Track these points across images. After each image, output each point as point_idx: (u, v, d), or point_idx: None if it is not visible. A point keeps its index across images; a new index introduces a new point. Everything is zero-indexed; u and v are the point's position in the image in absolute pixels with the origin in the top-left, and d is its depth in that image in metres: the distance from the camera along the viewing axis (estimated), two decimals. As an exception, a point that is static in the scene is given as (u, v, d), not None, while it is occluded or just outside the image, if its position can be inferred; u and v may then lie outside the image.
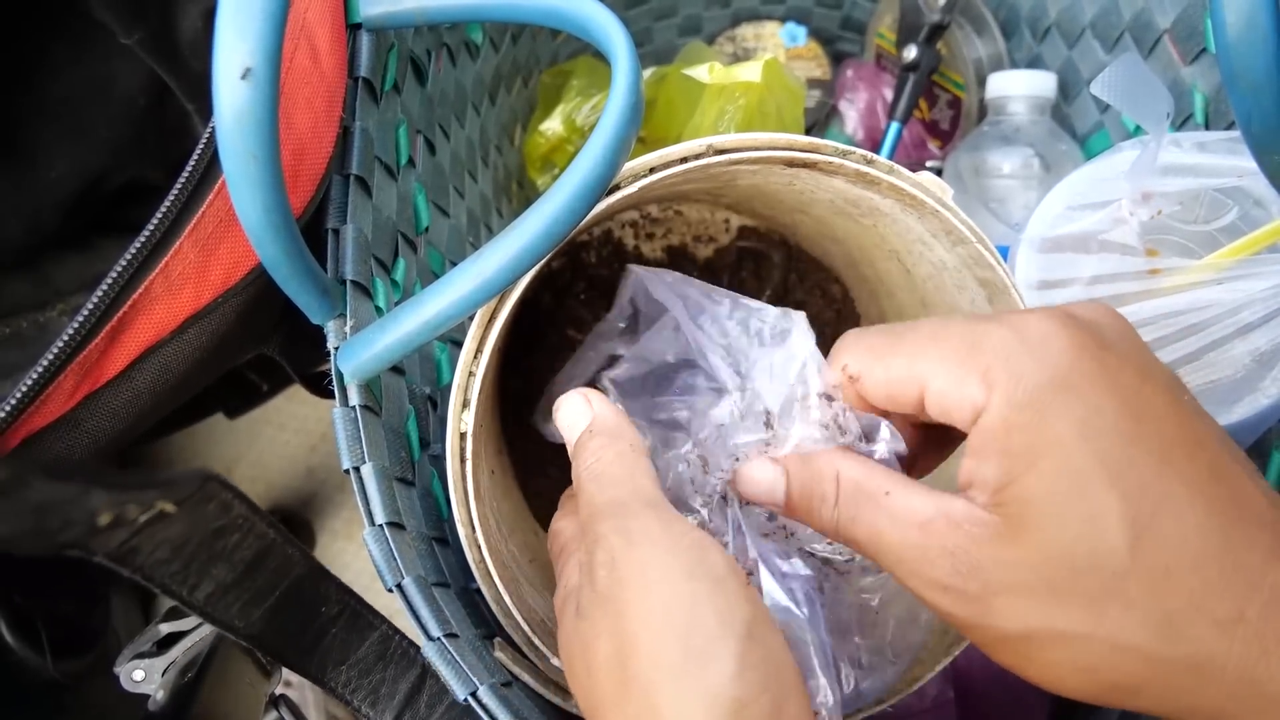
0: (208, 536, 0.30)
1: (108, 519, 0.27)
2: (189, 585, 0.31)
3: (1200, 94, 0.49)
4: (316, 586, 0.35)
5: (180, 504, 0.29)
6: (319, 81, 0.39)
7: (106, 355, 0.37)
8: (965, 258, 0.41)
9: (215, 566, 0.31)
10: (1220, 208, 0.43)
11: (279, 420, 0.85)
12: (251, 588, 0.33)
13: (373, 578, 0.34)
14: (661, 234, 0.56)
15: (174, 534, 0.29)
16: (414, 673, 0.36)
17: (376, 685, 0.36)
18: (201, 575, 0.31)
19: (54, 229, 0.51)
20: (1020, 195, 0.59)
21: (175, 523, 0.29)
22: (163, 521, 0.29)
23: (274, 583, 0.33)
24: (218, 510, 0.31)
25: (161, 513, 0.29)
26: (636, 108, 0.31)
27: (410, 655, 0.36)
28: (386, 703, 0.35)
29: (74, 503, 0.26)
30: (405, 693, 0.36)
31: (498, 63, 0.62)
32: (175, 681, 0.51)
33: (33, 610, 0.46)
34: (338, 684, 0.35)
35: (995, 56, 0.67)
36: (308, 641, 0.35)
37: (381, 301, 0.40)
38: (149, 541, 0.29)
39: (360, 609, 0.36)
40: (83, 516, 0.27)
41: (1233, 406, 0.42)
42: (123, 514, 0.28)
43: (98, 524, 0.27)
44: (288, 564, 0.34)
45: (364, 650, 0.36)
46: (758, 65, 0.59)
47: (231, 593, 0.32)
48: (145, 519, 0.28)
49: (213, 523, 0.31)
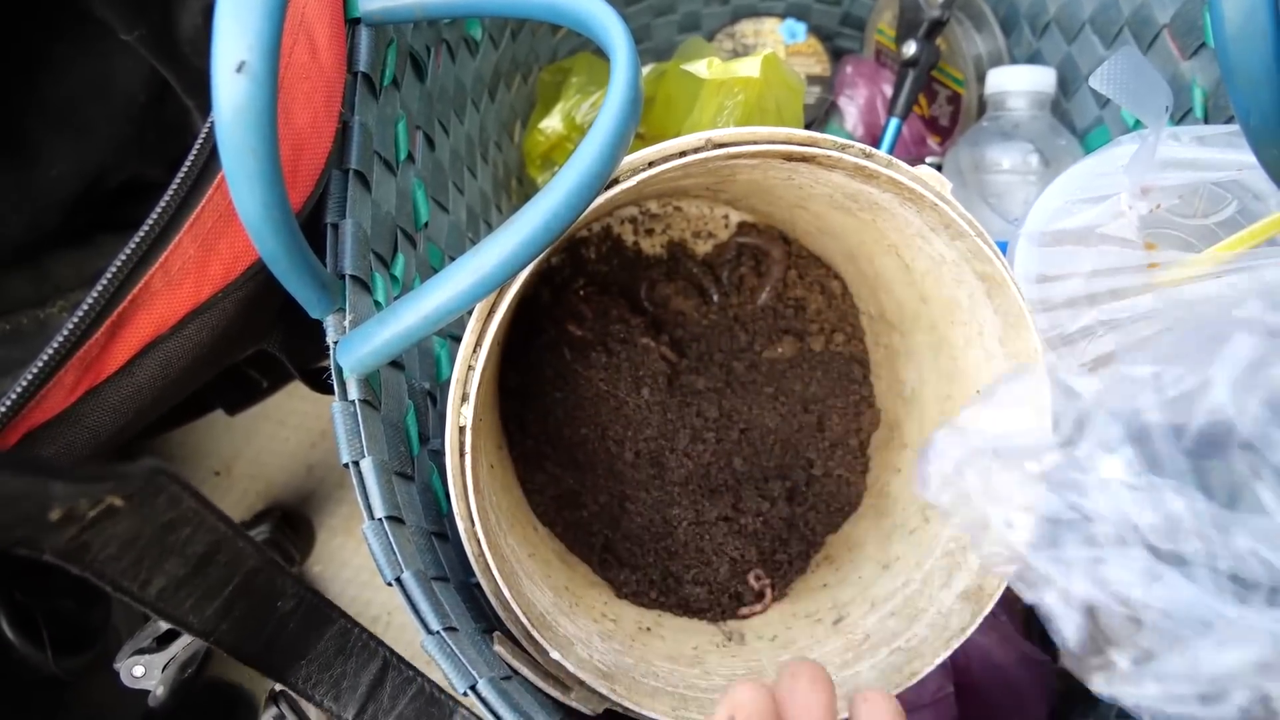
0: (158, 530, 0.30)
1: (59, 514, 0.27)
2: (140, 581, 0.30)
3: (1199, 88, 0.49)
4: (271, 579, 0.34)
5: (129, 498, 0.28)
6: (318, 77, 0.39)
7: (107, 351, 0.37)
8: (964, 252, 0.41)
9: (166, 561, 0.30)
10: (1219, 201, 0.43)
11: (278, 417, 0.85)
12: (204, 583, 0.32)
13: (372, 573, 0.34)
14: (661, 229, 0.56)
15: (123, 529, 0.28)
16: (375, 665, 0.35)
17: (338, 679, 0.35)
18: (153, 571, 0.30)
19: (55, 226, 0.51)
20: (1019, 190, 0.59)
21: (124, 517, 0.28)
22: (111, 516, 0.28)
23: (227, 576, 0.32)
24: (167, 504, 0.30)
25: (110, 507, 0.28)
26: (635, 102, 0.31)
27: (371, 647, 0.36)
28: (349, 696, 0.35)
29: (29, 497, 0.26)
30: (368, 685, 0.35)
31: (497, 59, 0.62)
32: (175, 677, 0.51)
33: (34, 607, 0.46)
34: (299, 680, 0.35)
35: (995, 52, 0.67)
36: (265, 637, 0.34)
37: (381, 296, 0.40)
38: (98, 537, 0.28)
39: (317, 602, 0.35)
40: (36, 511, 0.26)
41: (1232, 400, 0.42)
42: (73, 509, 0.27)
43: (49, 519, 0.27)
44: (240, 557, 0.33)
45: (323, 644, 0.35)
46: (756, 61, 0.59)
47: (184, 588, 0.31)
48: (94, 514, 0.28)
49: (162, 517, 0.30)
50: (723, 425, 0.52)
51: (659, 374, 0.51)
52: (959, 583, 0.43)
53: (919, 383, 0.50)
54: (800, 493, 0.53)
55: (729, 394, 0.53)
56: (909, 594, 0.45)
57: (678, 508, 0.50)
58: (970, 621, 0.42)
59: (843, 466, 0.53)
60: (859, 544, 0.51)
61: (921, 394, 0.50)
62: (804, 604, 0.49)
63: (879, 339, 0.54)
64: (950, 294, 0.44)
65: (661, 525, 0.50)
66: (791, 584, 0.51)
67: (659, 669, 0.43)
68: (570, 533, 0.49)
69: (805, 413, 0.53)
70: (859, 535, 0.51)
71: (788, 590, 0.51)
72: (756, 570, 0.50)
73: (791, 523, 0.52)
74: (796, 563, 0.51)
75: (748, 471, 0.52)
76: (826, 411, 0.54)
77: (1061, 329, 0.44)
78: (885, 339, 0.53)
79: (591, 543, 0.49)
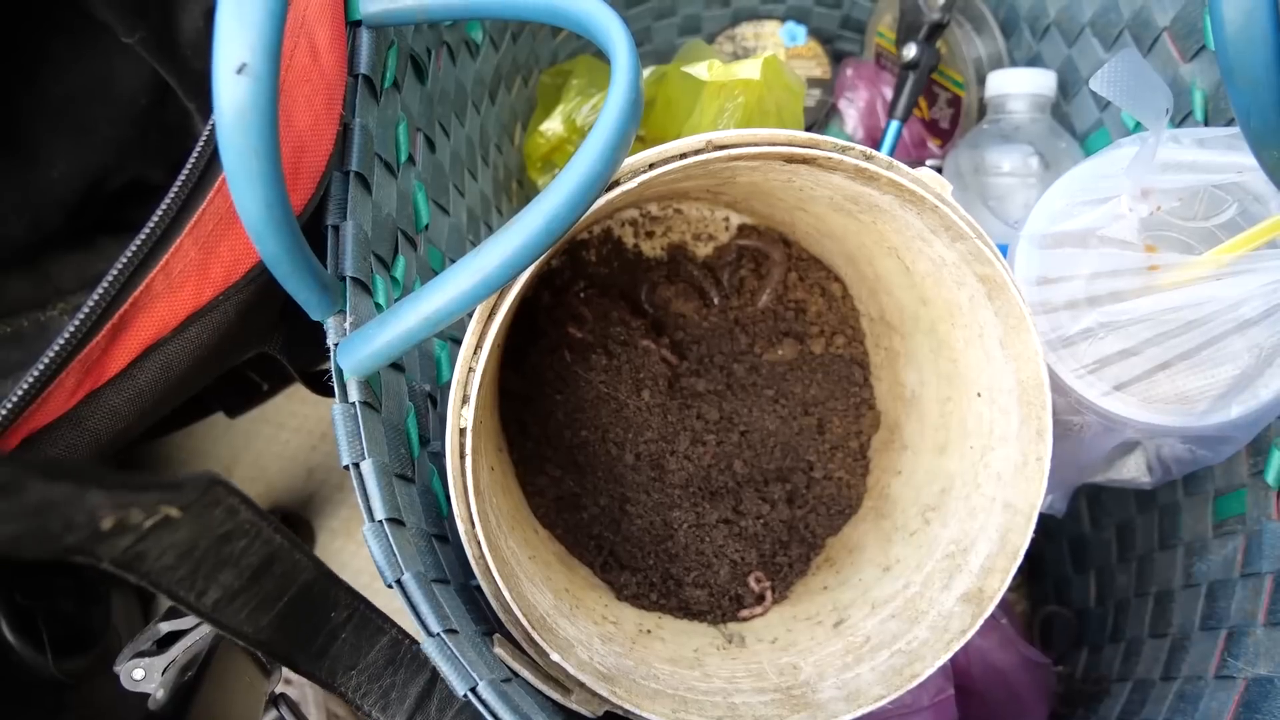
0: (214, 542, 0.30)
1: (110, 523, 0.27)
2: (196, 591, 0.30)
3: (1199, 91, 0.49)
4: (325, 591, 0.35)
5: (185, 509, 0.29)
6: (319, 79, 0.39)
7: (108, 353, 0.37)
8: (964, 254, 0.41)
9: (222, 572, 0.31)
10: (1219, 204, 0.43)
11: (279, 419, 0.85)
12: (260, 593, 0.32)
13: (373, 575, 0.35)
14: (661, 232, 0.56)
15: (180, 539, 0.29)
16: (424, 677, 0.36)
17: (387, 689, 0.36)
18: (209, 581, 0.30)
19: (55, 228, 0.51)
20: (1020, 193, 0.59)
21: (181, 528, 0.29)
22: (168, 527, 0.28)
23: (282, 588, 0.33)
24: (224, 515, 0.30)
25: (167, 518, 0.28)
26: (636, 103, 0.31)
27: (420, 659, 0.36)
28: (397, 707, 0.35)
29: (71, 503, 0.26)
30: (416, 696, 0.36)
31: (498, 61, 0.62)
32: (175, 680, 0.51)
33: (34, 609, 0.46)
34: (348, 688, 0.35)
35: (995, 55, 0.67)
36: (317, 647, 0.35)
37: (381, 298, 0.40)
38: (155, 547, 0.28)
39: (369, 613, 0.36)
40: (83, 519, 0.26)
41: (1232, 403, 0.42)
42: (126, 518, 0.27)
43: (100, 528, 0.27)
44: (295, 569, 0.33)
45: (374, 654, 0.36)
46: (757, 63, 0.59)
47: (239, 598, 0.32)
48: (150, 524, 0.28)
49: (219, 528, 0.30)
50: (723, 428, 0.52)
51: (659, 376, 0.51)
52: (959, 585, 0.43)
53: (919, 385, 0.50)
54: (800, 495, 0.52)
55: (729, 396, 0.53)
56: (909, 596, 0.45)
57: (678, 510, 0.50)
58: (971, 624, 0.42)
59: (843, 469, 0.53)
60: (859, 546, 0.51)
61: (922, 396, 0.50)
62: (804, 606, 0.49)
63: (879, 341, 0.54)
64: (951, 296, 0.44)
65: (662, 528, 0.50)
66: (792, 586, 0.51)
67: (659, 671, 0.43)
68: (571, 535, 0.49)
69: (805, 415, 0.53)
70: (859, 538, 0.51)
71: (788, 593, 0.51)
72: (757, 573, 0.50)
73: (792, 525, 0.52)
74: (797, 565, 0.51)
75: (748, 474, 0.52)
76: (827, 414, 0.54)
77: (1062, 331, 0.44)
78: (886, 341, 0.53)
79: (592, 545, 0.49)
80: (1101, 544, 0.63)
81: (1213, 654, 0.46)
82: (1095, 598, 0.63)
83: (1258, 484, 0.46)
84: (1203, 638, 0.48)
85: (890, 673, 0.42)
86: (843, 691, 0.42)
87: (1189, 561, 0.52)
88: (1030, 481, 0.42)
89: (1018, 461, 0.43)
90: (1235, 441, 0.44)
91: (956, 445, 0.47)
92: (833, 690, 0.43)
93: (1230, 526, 0.48)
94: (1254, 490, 0.47)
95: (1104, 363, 0.43)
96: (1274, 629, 0.43)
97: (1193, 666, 0.48)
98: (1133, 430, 0.45)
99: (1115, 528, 0.61)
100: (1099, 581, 0.63)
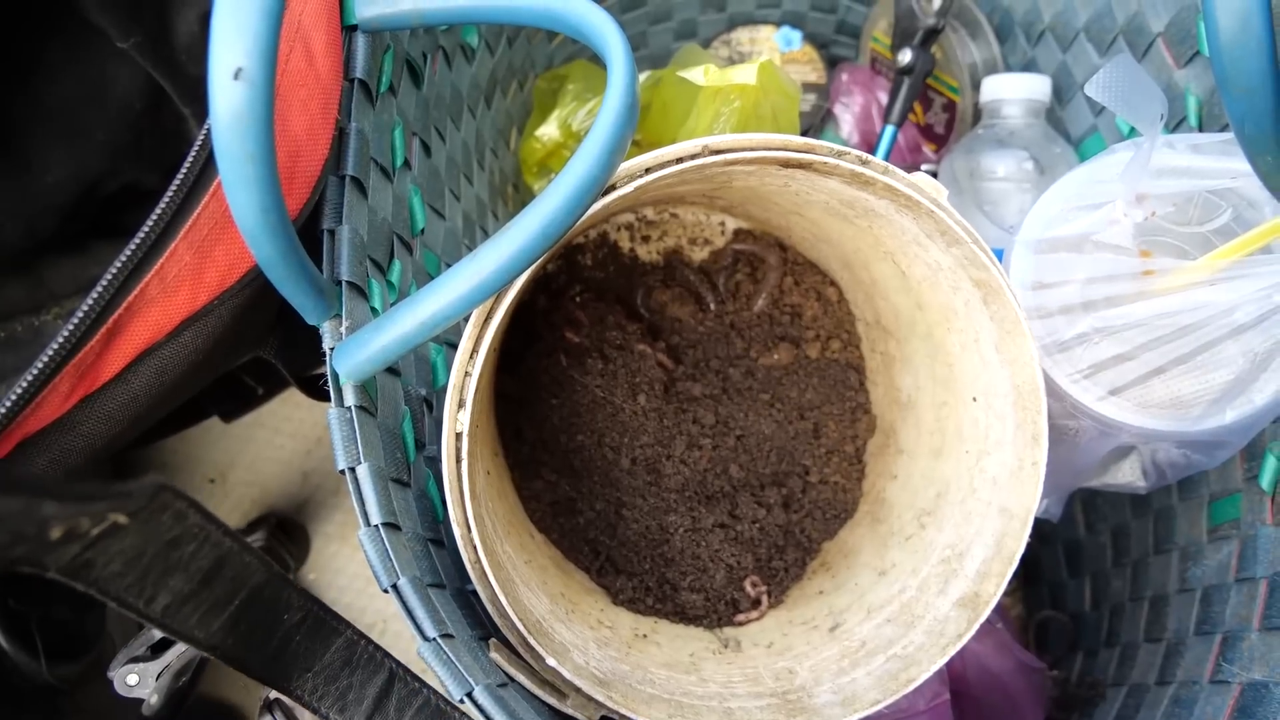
0: (162, 547, 0.30)
1: (59, 532, 0.27)
2: (145, 598, 0.30)
3: (1194, 97, 0.49)
4: (277, 593, 0.34)
5: (133, 515, 0.28)
6: (314, 84, 0.39)
7: (102, 358, 0.37)
8: (960, 258, 0.41)
9: (172, 577, 0.30)
10: (1214, 209, 0.43)
11: (274, 424, 0.85)
12: (210, 598, 0.32)
13: (368, 580, 0.34)
14: (657, 236, 0.56)
15: (127, 546, 0.29)
16: (381, 676, 0.36)
17: (344, 691, 0.35)
18: (158, 587, 0.30)
19: (50, 233, 0.51)
20: (1015, 198, 0.59)
21: (129, 535, 0.28)
22: (115, 534, 0.28)
23: (233, 591, 0.32)
24: (171, 520, 0.30)
25: (114, 525, 0.28)
26: (632, 108, 0.31)
27: (377, 659, 0.36)
28: (355, 708, 0.35)
29: (24, 515, 0.26)
30: (374, 697, 0.35)
31: (493, 66, 0.62)
32: (169, 686, 0.51)
33: (28, 615, 0.46)
34: (304, 691, 0.35)
35: (990, 60, 0.67)
36: (271, 650, 0.34)
37: (377, 303, 0.40)
38: (103, 555, 0.28)
39: (323, 615, 0.36)
40: (33, 530, 0.26)
41: (1226, 407, 0.42)
42: (75, 527, 0.27)
43: (49, 538, 0.27)
44: (246, 572, 0.33)
45: (329, 656, 0.35)
46: (753, 68, 0.59)
47: (190, 604, 0.31)
48: (98, 531, 0.27)
49: (167, 533, 0.30)
50: (719, 432, 0.52)
51: (655, 381, 0.51)
52: (955, 590, 0.43)
53: (915, 389, 0.50)
54: (796, 499, 0.52)
55: (725, 401, 0.53)
56: (905, 601, 0.45)
57: (674, 515, 0.49)
58: (966, 628, 0.42)
59: (839, 473, 0.53)
60: (855, 551, 0.51)
61: (918, 401, 0.50)
62: (800, 611, 0.49)
63: (875, 345, 0.54)
64: (946, 300, 0.44)
65: (658, 532, 0.50)
66: (788, 591, 0.51)
67: (655, 676, 0.43)
68: (566, 539, 0.49)
69: (801, 419, 0.53)
70: (855, 542, 0.51)
71: (784, 597, 0.51)
72: (753, 577, 0.50)
73: (788, 530, 0.52)
74: (793, 570, 0.51)
75: (744, 478, 0.52)
76: (822, 418, 0.54)
77: (1057, 336, 0.44)
78: (881, 345, 0.53)
79: (588, 549, 0.49)
80: (1097, 548, 0.63)
81: (1208, 659, 0.46)
82: (1090, 602, 0.63)
83: (1252, 489, 0.47)
84: (1198, 642, 0.48)
85: (886, 677, 0.42)
86: (839, 696, 0.42)
87: (1184, 566, 0.52)
88: (1026, 486, 0.42)
89: (1013, 466, 0.43)
90: (1230, 446, 0.44)
91: (952, 450, 0.47)
92: (829, 695, 0.43)
93: (1225, 531, 0.48)
94: (1249, 495, 0.47)
95: (1099, 367, 0.44)
96: (1269, 634, 0.43)
97: (1188, 671, 0.48)
98: (1128, 435, 0.45)
99: (1110, 532, 0.62)
100: (1094, 586, 0.63)
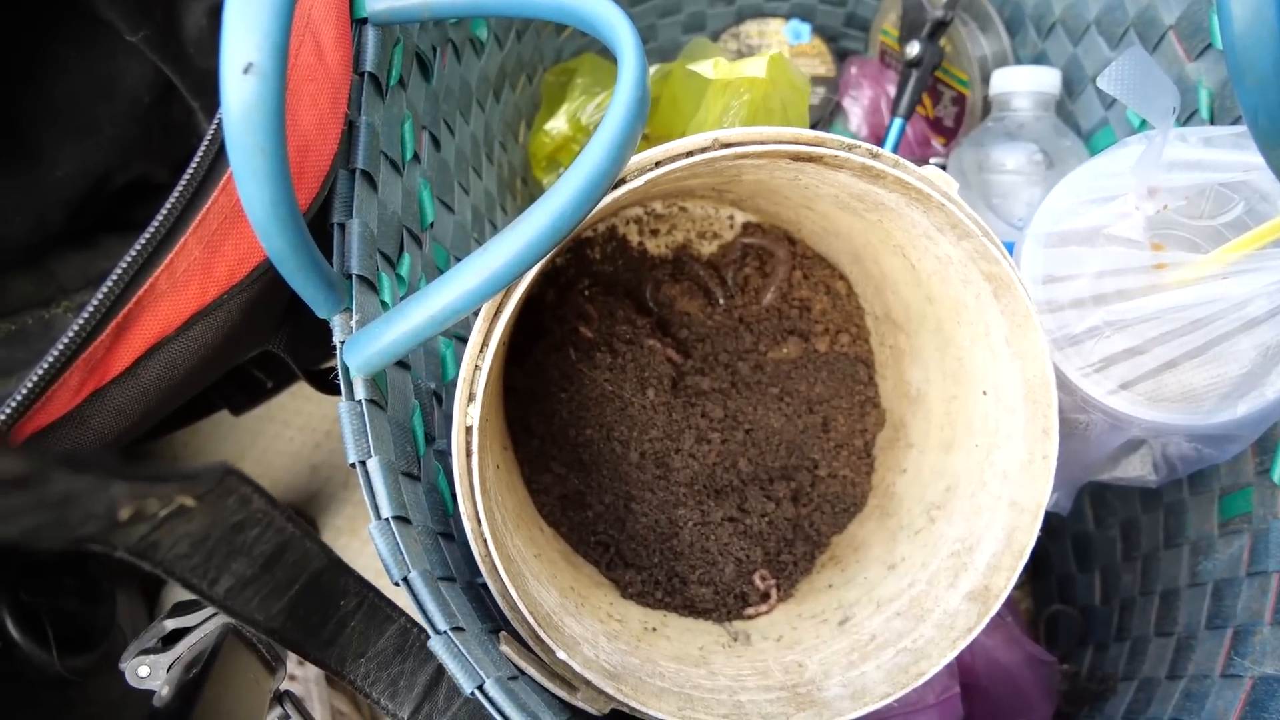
0: (227, 531, 0.30)
1: (128, 513, 0.27)
2: (209, 579, 0.31)
3: (1206, 90, 0.49)
4: (335, 579, 0.35)
5: (200, 498, 0.29)
6: (324, 78, 0.39)
7: (112, 352, 0.37)
8: (970, 251, 0.41)
9: (235, 561, 0.31)
10: (1226, 202, 0.43)
11: (283, 417, 0.85)
12: (271, 581, 0.33)
13: (378, 573, 0.35)
14: (666, 230, 0.56)
15: (194, 528, 0.29)
16: (432, 665, 0.36)
17: (395, 678, 0.36)
18: (221, 570, 0.31)
19: (59, 227, 0.51)
20: (1024, 191, 0.59)
21: (195, 517, 0.29)
22: (183, 516, 0.29)
23: (293, 576, 0.33)
24: (237, 504, 0.31)
25: (181, 507, 0.29)
26: (643, 101, 0.30)
27: (429, 649, 0.37)
28: (405, 695, 0.36)
29: (94, 495, 0.26)
30: (424, 685, 0.36)
31: (502, 59, 0.62)
32: (180, 677, 0.51)
33: (39, 607, 0.46)
34: (357, 676, 0.35)
35: (999, 53, 0.67)
36: (327, 634, 0.35)
37: (387, 296, 0.40)
38: (169, 536, 0.29)
39: (379, 602, 0.37)
40: (103, 510, 0.27)
41: (1238, 401, 0.42)
42: (143, 508, 0.28)
43: (118, 518, 0.27)
44: (306, 557, 0.34)
45: (383, 643, 0.36)
46: (762, 60, 0.59)
47: (251, 586, 0.32)
48: (165, 513, 0.28)
49: (232, 517, 0.31)
50: (728, 426, 0.52)
51: (664, 375, 0.51)
52: (965, 583, 0.43)
53: (924, 383, 0.50)
54: (805, 493, 0.52)
55: (734, 395, 0.53)
56: (915, 594, 0.45)
57: (683, 508, 0.49)
58: (976, 622, 0.42)
59: (848, 467, 0.53)
60: (864, 545, 0.51)
61: (927, 394, 0.50)
62: (810, 604, 0.49)
63: (884, 339, 0.54)
64: (957, 294, 0.44)
65: (667, 526, 0.50)
66: (797, 585, 0.51)
67: (665, 669, 0.43)
68: (576, 533, 0.49)
69: (810, 413, 0.53)
70: (864, 536, 0.51)
71: (793, 591, 0.51)
72: (762, 571, 0.50)
73: (797, 523, 0.52)
74: (802, 563, 0.51)
75: (753, 472, 0.52)
76: (831, 412, 0.54)
77: (1068, 330, 0.44)
78: (891, 339, 0.53)
79: (597, 543, 0.49)
80: (1107, 542, 0.63)
81: (1219, 653, 0.46)
82: (1100, 596, 0.63)
83: (1264, 482, 0.46)
84: (1209, 636, 0.48)
85: (896, 670, 0.42)
86: (848, 689, 0.42)
87: (1195, 560, 0.52)
88: (1036, 480, 0.42)
89: (1023, 459, 0.43)
90: (1241, 440, 0.44)
91: (962, 443, 0.47)
92: (838, 688, 0.43)
93: (1236, 525, 0.48)
94: (1260, 489, 0.47)
95: (1110, 361, 0.43)
96: (1280, 628, 0.43)
97: (1199, 665, 0.48)
98: (1138, 428, 0.45)
99: (1120, 526, 0.61)
100: (1104, 580, 0.63)
